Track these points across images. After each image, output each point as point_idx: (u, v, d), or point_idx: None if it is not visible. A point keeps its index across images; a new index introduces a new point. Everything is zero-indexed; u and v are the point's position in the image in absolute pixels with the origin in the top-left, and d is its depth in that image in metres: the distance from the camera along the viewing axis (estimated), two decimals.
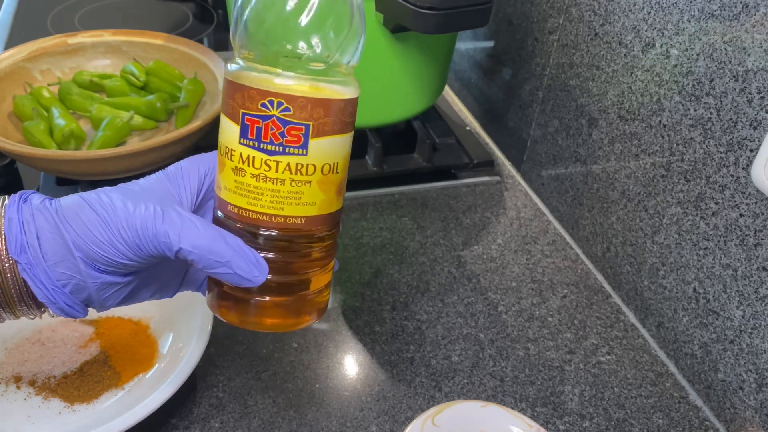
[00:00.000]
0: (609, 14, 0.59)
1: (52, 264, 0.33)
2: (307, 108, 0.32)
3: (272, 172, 0.33)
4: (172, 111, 0.72)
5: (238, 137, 0.33)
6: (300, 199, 0.34)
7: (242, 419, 0.48)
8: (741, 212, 0.48)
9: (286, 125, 0.32)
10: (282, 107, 0.32)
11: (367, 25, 0.68)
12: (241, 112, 0.33)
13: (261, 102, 0.32)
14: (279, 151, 0.33)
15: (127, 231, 0.33)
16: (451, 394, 0.51)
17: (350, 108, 0.34)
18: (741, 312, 0.48)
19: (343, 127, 0.34)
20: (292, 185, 0.33)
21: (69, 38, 0.75)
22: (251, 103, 0.32)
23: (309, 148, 0.33)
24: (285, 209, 0.34)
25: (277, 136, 0.33)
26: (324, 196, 0.35)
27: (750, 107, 0.46)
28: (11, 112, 0.68)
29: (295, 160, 0.33)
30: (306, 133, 0.33)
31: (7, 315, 0.35)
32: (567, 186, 0.68)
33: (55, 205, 0.34)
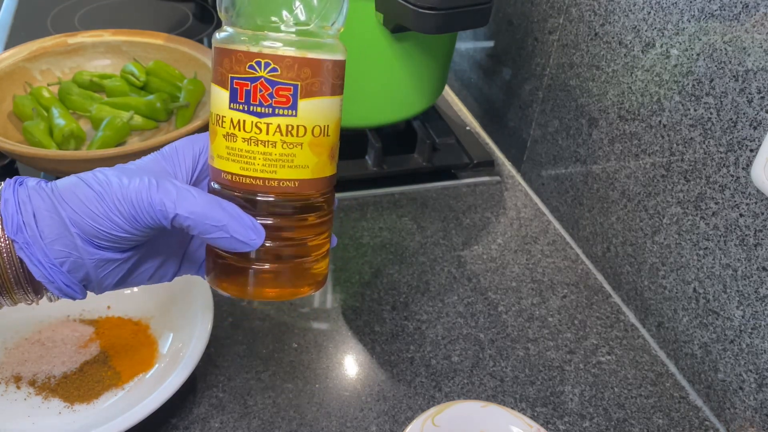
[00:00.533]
0: (609, 14, 0.59)
1: (49, 242, 0.33)
2: (294, 68, 0.32)
3: (263, 135, 0.33)
4: (172, 111, 0.72)
5: (228, 102, 0.33)
6: (292, 161, 0.34)
7: (242, 419, 0.48)
8: (741, 212, 0.48)
9: (275, 86, 0.33)
10: (269, 68, 0.32)
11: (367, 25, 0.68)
12: (230, 77, 0.33)
13: (248, 64, 0.32)
14: (269, 113, 0.33)
15: (123, 203, 0.33)
16: (451, 394, 0.51)
17: (338, 70, 0.35)
18: (741, 312, 0.48)
19: (331, 89, 0.34)
20: (283, 147, 0.33)
21: (69, 38, 0.75)
22: (239, 66, 0.33)
23: (298, 109, 0.33)
24: (278, 172, 0.34)
25: (265, 97, 0.33)
26: (317, 159, 0.35)
27: (750, 107, 0.46)
28: (11, 112, 0.68)
29: (285, 122, 0.33)
30: (294, 93, 0.33)
31: (4, 300, 0.35)
32: (567, 186, 0.68)
33: (51, 186, 0.34)
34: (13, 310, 0.53)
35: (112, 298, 0.54)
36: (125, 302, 0.54)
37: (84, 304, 0.54)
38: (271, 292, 0.37)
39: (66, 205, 0.33)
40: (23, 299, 0.36)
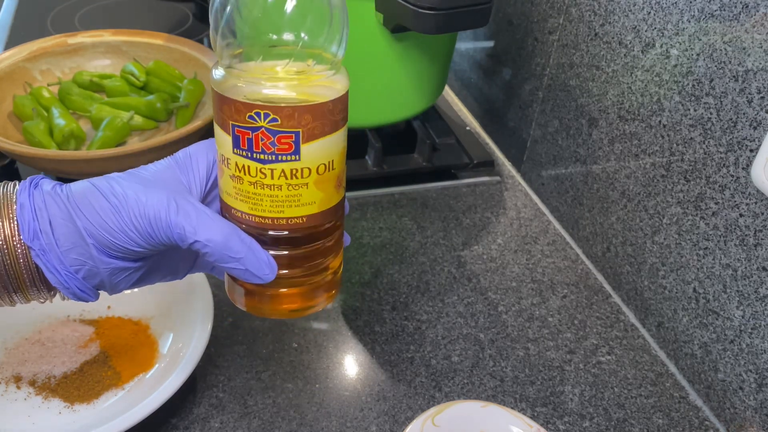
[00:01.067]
0: (609, 14, 0.59)
1: (65, 250, 0.33)
2: (294, 116, 0.32)
3: (268, 179, 0.33)
4: (172, 111, 0.72)
5: (231, 147, 0.33)
6: (299, 200, 0.34)
7: (242, 419, 0.48)
8: (741, 212, 0.48)
9: (276, 135, 0.32)
10: (269, 118, 0.32)
11: (367, 25, 0.68)
12: (231, 124, 0.33)
13: (248, 114, 0.32)
14: (272, 159, 0.33)
15: (140, 220, 0.33)
16: (451, 394, 0.51)
17: (339, 105, 0.34)
18: (741, 312, 0.48)
19: (334, 126, 0.34)
20: (289, 189, 0.34)
21: (69, 38, 0.75)
22: (239, 115, 0.32)
23: (301, 154, 0.33)
24: (285, 212, 0.34)
25: (268, 145, 0.33)
26: (323, 194, 0.35)
27: (750, 107, 0.46)
28: (11, 112, 0.68)
29: (289, 167, 0.33)
30: (296, 140, 0.33)
31: (18, 298, 0.35)
32: (567, 186, 0.68)
33: (66, 192, 0.34)
34: (13, 311, 0.53)
35: (113, 298, 0.54)
36: (125, 302, 0.54)
37: (84, 304, 0.54)
38: (291, 309, 0.38)
39: (82, 215, 0.33)
40: (37, 297, 0.36)
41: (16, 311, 0.52)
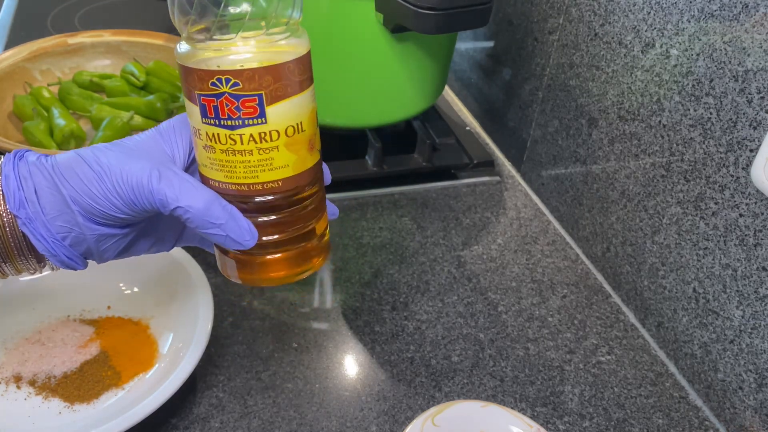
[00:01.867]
0: (609, 14, 0.59)
1: (51, 218, 0.34)
2: (254, 78, 0.33)
3: (238, 145, 0.34)
4: (172, 111, 0.72)
5: (200, 117, 0.34)
6: (272, 164, 0.35)
7: (242, 419, 0.48)
8: (741, 212, 0.48)
9: (239, 99, 0.33)
10: (231, 83, 0.32)
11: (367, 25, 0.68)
12: (196, 93, 0.33)
13: (210, 81, 0.33)
14: (239, 124, 0.33)
15: (123, 186, 0.34)
16: (451, 394, 0.51)
17: (301, 66, 0.34)
18: (741, 312, 0.48)
19: (298, 87, 0.34)
20: (260, 153, 0.34)
21: (69, 38, 0.75)
22: (202, 83, 0.33)
23: (267, 116, 0.33)
24: (260, 177, 0.35)
25: (233, 111, 0.33)
26: (295, 156, 0.35)
27: (750, 107, 0.46)
28: (11, 112, 0.68)
29: (257, 130, 0.34)
30: (260, 102, 0.33)
31: (8, 269, 0.36)
32: (567, 186, 0.68)
33: (51, 162, 0.34)
34: (13, 311, 0.53)
35: (113, 298, 0.54)
36: (125, 302, 0.54)
37: (84, 304, 0.54)
38: (279, 276, 0.38)
39: (66, 183, 0.34)
40: (26, 268, 0.36)
41: (16, 311, 0.52)
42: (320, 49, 0.64)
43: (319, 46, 0.64)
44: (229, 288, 0.58)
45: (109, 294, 0.55)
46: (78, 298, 0.54)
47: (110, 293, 0.55)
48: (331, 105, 0.67)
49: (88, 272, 0.55)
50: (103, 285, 0.55)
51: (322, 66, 0.65)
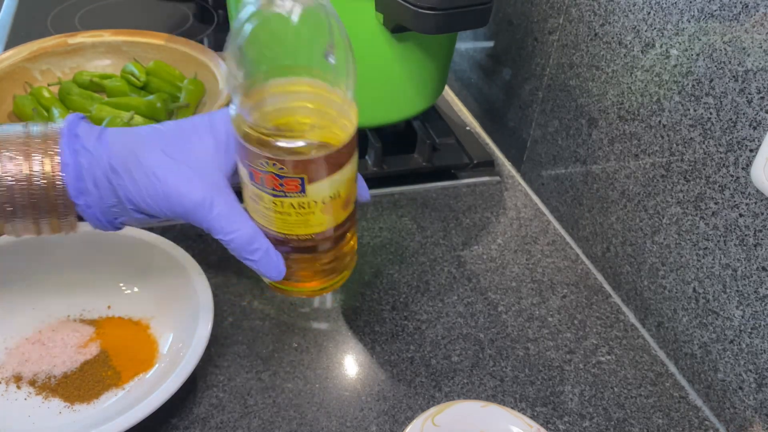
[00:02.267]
0: (609, 14, 0.59)
1: (107, 207, 0.39)
2: (298, 167, 0.36)
3: (279, 208, 0.38)
4: (172, 111, 0.72)
5: (249, 178, 0.38)
6: (307, 223, 0.39)
7: (242, 419, 0.48)
8: (741, 212, 0.48)
9: (283, 178, 0.36)
10: (277, 167, 0.36)
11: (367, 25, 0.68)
12: (247, 162, 0.37)
13: (259, 161, 0.36)
14: (281, 194, 0.37)
15: (176, 207, 0.38)
16: (451, 393, 0.51)
17: (347, 148, 0.37)
18: (741, 312, 0.48)
19: (340, 165, 0.37)
20: (297, 216, 0.38)
21: (69, 38, 0.75)
22: (253, 159, 0.36)
23: (307, 191, 0.37)
24: (295, 230, 0.39)
25: (277, 185, 0.36)
26: (330, 217, 0.39)
27: (750, 107, 0.46)
28: (11, 112, 0.68)
29: (296, 201, 0.37)
30: (302, 183, 0.36)
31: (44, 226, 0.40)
32: (567, 186, 0.68)
33: (107, 159, 0.38)
34: (13, 310, 0.53)
35: (113, 298, 0.54)
36: (125, 302, 0.54)
37: (84, 304, 0.54)
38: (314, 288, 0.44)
39: (122, 186, 0.38)
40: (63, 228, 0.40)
41: (16, 311, 0.52)
42: None
43: None
44: (229, 288, 0.58)
45: (109, 294, 0.55)
46: (78, 298, 0.54)
47: (110, 293, 0.55)
48: None
49: (88, 272, 0.55)
50: (104, 285, 0.55)
51: None
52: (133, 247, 0.55)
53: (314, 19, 0.34)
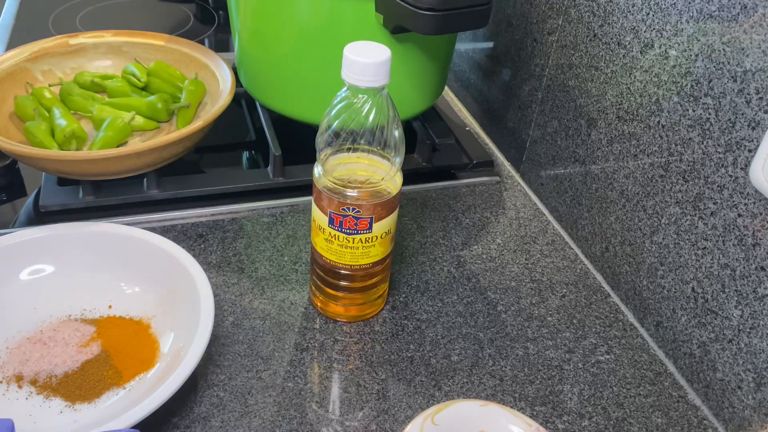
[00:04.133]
0: (608, 15, 0.59)
1: None
2: (370, 209, 0.48)
3: (350, 244, 0.50)
4: (173, 111, 0.72)
5: (327, 223, 0.50)
6: (369, 254, 0.51)
7: (243, 418, 0.48)
8: (739, 212, 0.48)
9: (358, 219, 0.49)
10: (355, 211, 0.48)
11: (367, 25, 0.68)
12: (329, 211, 0.49)
13: (342, 207, 0.48)
14: (354, 232, 0.49)
15: None
16: (450, 393, 0.51)
17: (397, 200, 0.50)
18: (739, 311, 0.49)
19: (394, 209, 0.50)
20: (363, 249, 0.51)
21: (70, 39, 0.75)
22: (335, 207, 0.48)
23: (373, 228, 0.50)
24: (359, 261, 0.51)
25: (352, 225, 0.49)
26: (383, 248, 0.52)
27: (748, 108, 0.46)
28: (13, 113, 0.68)
29: (364, 236, 0.50)
30: (371, 221, 0.49)
31: None
32: (566, 186, 0.68)
33: None
34: (14, 310, 0.53)
35: (114, 297, 0.54)
36: (126, 302, 0.54)
37: (85, 303, 0.54)
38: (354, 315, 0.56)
39: None
40: None
41: (17, 311, 0.53)
42: (320, 49, 0.65)
43: (319, 47, 0.65)
44: (229, 287, 0.58)
45: (110, 293, 0.55)
46: (79, 297, 0.54)
47: (111, 293, 0.55)
48: None
49: (89, 272, 0.55)
50: (105, 284, 0.55)
51: (321, 66, 0.65)
52: (134, 247, 0.55)
53: (380, 110, 0.46)
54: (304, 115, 0.70)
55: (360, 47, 0.45)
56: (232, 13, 0.72)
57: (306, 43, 0.64)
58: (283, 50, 0.66)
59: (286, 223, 0.66)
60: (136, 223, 0.63)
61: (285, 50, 0.66)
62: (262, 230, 0.65)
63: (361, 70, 0.44)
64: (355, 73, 0.45)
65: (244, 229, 0.65)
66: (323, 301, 0.56)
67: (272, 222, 0.66)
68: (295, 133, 0.73)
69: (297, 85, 0.68)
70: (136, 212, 0.64)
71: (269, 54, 0.68)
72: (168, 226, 0.64)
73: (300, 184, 0.69)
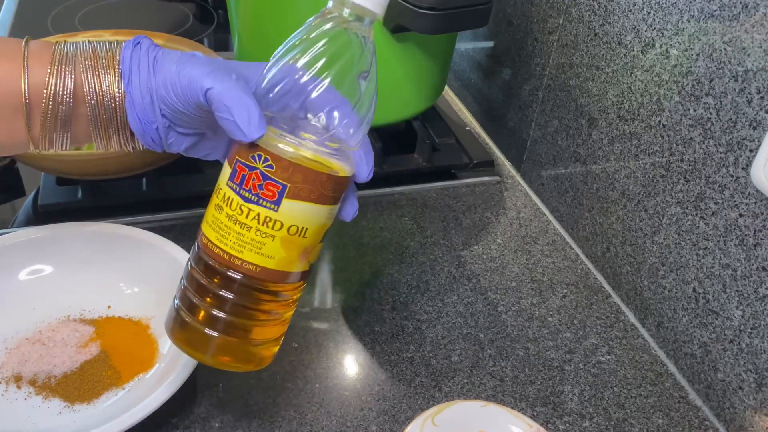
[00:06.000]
0: (609, 14, 0.59)
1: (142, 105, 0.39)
2: (288, 170, 0.36)
3: (242, 217, 0.37)
4: None
5: (227, 178, 0.38)
6: (261, 249, 0.37)
7: (242, 419, 0.48)
8: (740, 212, 0.48)
9: (266, 179, 0.36)
10: (267, 163, 0.36)
11: None
12: (236, 158, 0.37)
13: (252, 154, 0.36)
14: (253, 200, 0.36)
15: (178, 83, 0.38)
16: (451, 393, 0.51)
17: (333, 183, 0.37)
18: (740, 312, 0.48)
19: (320, 198, 0.37)
20: (256, 234, 0.37)
21: (69, 38, 0.75)
22: (245, 152, 0.37)
23: (280, 206, 0.36)
24: (244, 254, 0.37)
25: (255, 186, 0.36)
26: (284, 254, 0.38)
27: (749, 107, 0.46)
28: None
29: (264, 212, 0.36)
30: (281, 191, 0.36)
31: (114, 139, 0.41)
32: (567, 186, 0.68)
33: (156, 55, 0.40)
34: (14, 310, 0.53)
35: (113, 298, 0.54)
36: (126, 302, 0.54)
37: (84, 304, 0.54)
38: (210, 359, 0.40)
39: (153, 78, 0.39)
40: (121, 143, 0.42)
41: (16, 311, 0.52)
42: None
43: None
44: None
45: (109, 294, 0.55)
46: (78, 297, 0.54)
47: (110, 293, 0.55)
48: None
49: (88, 272, 0.55)
50: (104, 285, 0.55)
51: None
52: (134, 247, 0.55)
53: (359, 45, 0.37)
54: None
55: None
56: (231, 13, 0.72)
57: None
58: None
59: None
60: (136, 223, 0.63)
61: None
62: None
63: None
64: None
65: None
66: (176, 321, 0.41)
67: None
68: None
69: None
70: (135, 212, 0.64)
71: (269, 54, 0.68)
72: (168, 226, 0.64)
73: None
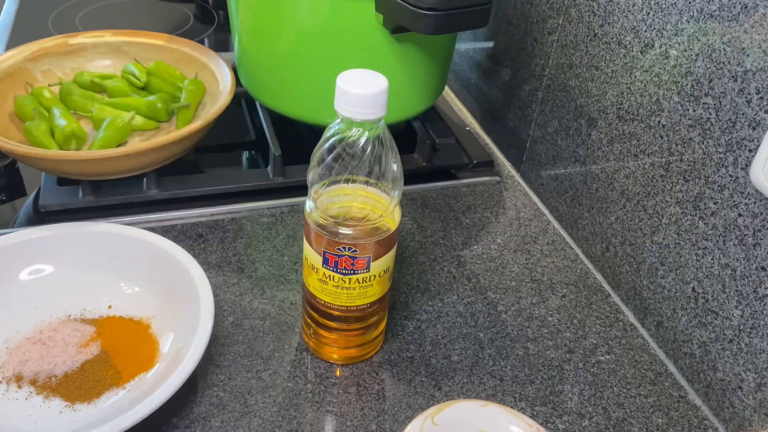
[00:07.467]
0: (608, 15, 0.59)
1: None
2: (367, 248, 0.45)
3: (346, 284, 0.47)
4: (172, 111, 0.72)
5: (321, 263, 0.46)
6: (366, 294, 0.48)
7: (243, 418, 0.48)
8: (740, 212, 0.48)
9: (355, 259, 0.45)
10: (351, 250, 0.45)
11: (367, 25, 0.68)
12: (323, 251, 0.45)
13: (337, 247, 0.45)
14: (350, 272, 0.46)
15: None
16: (450, 393, 0.51)
17: (396, 235, 0.47)
18: (740, 311, 0.49)
19: (391, 247, 0.47)
20: (360, 289, 0.47)
21: (70, 39, 0.75)
22: (330, 246, 0.45)
23: (371, 268, 0.46)
24: (356, 302, 0.48)
25: (348, 265, 0.46)
26: (381, 287, 0.49)
27: (749, 107, 0.46)
28: (12, 113, 0.68)
29: (361, 276, 0.46)
30: (369, 261, 0.46)
31: None
32: (566, 186, 0.68)
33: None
34: (14, 310, 0.53)
35: (114, 297, 0.54)
36: (126, 302, 0.54)
37: (85, 303, 0.54)
38: (351, 355, 0.52)
39: None
40: None
41: (17, 311, 0.53)
42: (320, 48, 0.65)
43: (319, 46, 0.65)
44: (229, 287, 0.58)
45: (110, 293, 0.55)
46: (79, 297, 0.54)
47: (111, 293, 0.55)
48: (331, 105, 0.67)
49: (88, 272, 0.55)
50: (104, 284, 0.55)
51: (321, 66, 0.65)
52: (134, 247, 0.55)
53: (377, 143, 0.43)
54: (304, 115, 0.70)
55: (354, 76, 0.41)
56: (231, 13, 0.72)
57: (306, 42, 0.64)
58: (283, 50, 0.66)
59: (286, 223, 0.66)
60: (136, 223, 0.63)
61: (285, 50, 0.66)
62: (262, 230, 0.64)
63: (356, 102, 0.40)
64: (349, 105, 0.41)
65: (244, 229, 0.64)
66: (316, 342, 0.52)
67: (272, 222, 0.66)
68: (295, 133, 0.73)
69: (297, 84, 0.68)
70: (136, 212, 0.64)
71: (269, 54, 0.68)
72: (168, 226, 0.64)
73: (300, 184, 0.69)
